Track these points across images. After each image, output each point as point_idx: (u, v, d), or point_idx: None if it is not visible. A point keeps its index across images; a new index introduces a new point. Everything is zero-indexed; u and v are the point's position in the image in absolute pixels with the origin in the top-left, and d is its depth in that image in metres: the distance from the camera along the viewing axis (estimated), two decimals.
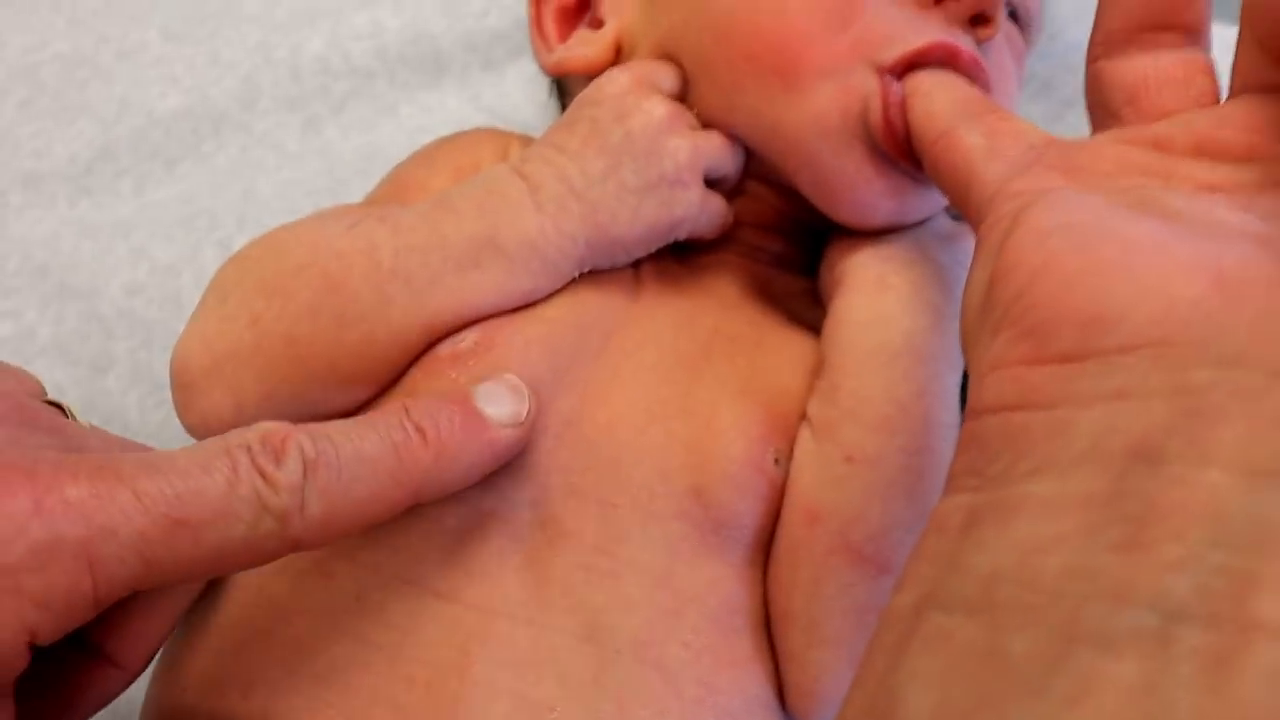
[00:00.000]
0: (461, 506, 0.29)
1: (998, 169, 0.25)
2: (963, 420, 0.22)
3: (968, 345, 0.23)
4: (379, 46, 0.44)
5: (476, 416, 0.28)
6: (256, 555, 0.24)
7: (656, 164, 0.32)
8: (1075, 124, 0.44)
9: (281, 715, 0.27)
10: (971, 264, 0.24)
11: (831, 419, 0.30)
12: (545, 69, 0.37)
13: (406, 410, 0.26)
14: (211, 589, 0.30)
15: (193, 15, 0.46)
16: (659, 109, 0.32)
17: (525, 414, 0.29)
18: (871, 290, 0.32)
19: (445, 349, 0.30)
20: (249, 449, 0.24)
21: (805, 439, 0.31)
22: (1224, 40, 0.24)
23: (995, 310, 0.22)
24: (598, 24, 0.36)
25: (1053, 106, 0.43)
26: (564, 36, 0.37)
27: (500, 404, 0.28)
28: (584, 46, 0.36)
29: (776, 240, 0.36)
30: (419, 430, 0.26)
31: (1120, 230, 0.21)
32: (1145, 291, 0.20)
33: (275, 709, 0.27)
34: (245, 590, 0.29)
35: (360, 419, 0.26)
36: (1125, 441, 0.18)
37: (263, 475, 0.23)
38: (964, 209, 0.26)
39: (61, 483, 0.22)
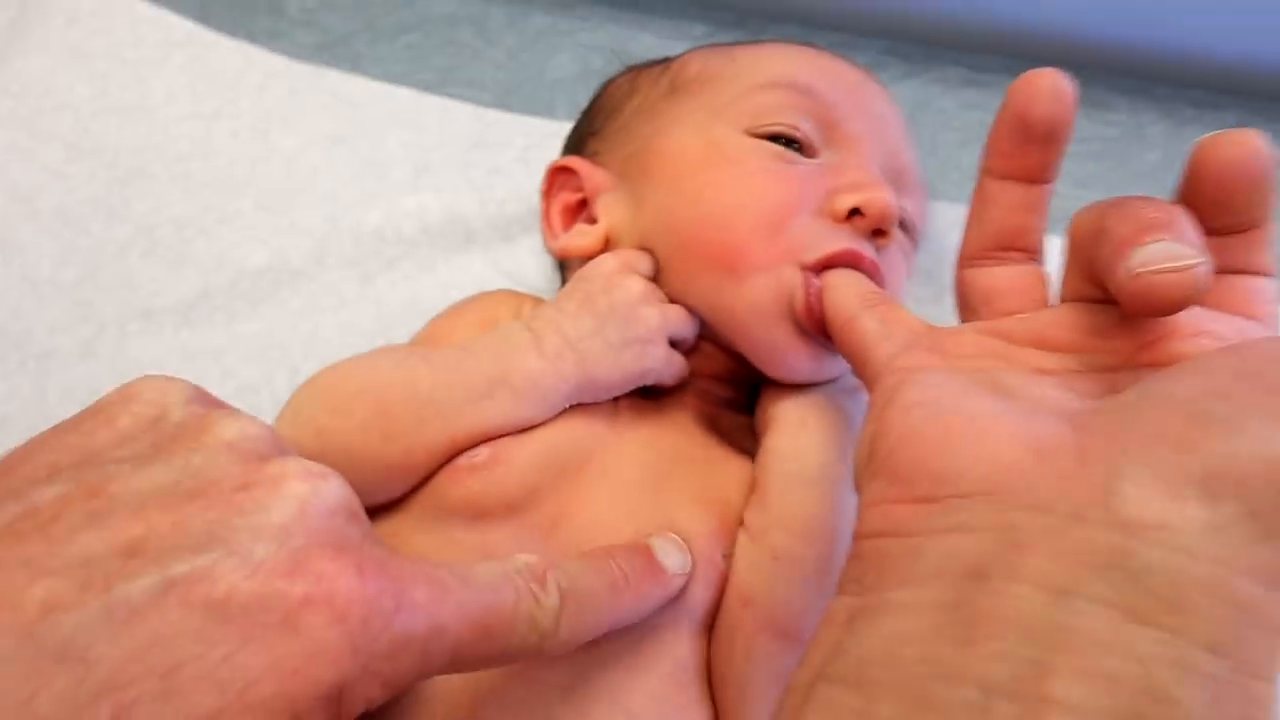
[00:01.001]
0: None
1: (887, 348, 0.30)
2: (852, 541, 0.26)
3: (857, 485, 0.27)
4: (423, 222, 0.54)
5: (657, 565, 0.32)
6: (513, 660, 0.27)
7: (633, 327, 0.38)
8: (951, 305, 0.51)
9: None
10: (863, 423, 0.28)
11: (762, 526, 0.36)
12: (551, 251, 0.44)
13: (612, 556, 0.31)
14: None
15: (278, 190, 0.55)
16: (636, 286, 0.39)
17: (688, 565, 0.33)
18: (794, 430, 0.37)
19: (464, 461, 0.36)
20: (522, 575, 0.27)
21: (743, 540, 0.36)
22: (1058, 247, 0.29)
23: (875, 461, 0.26)
24: (592, 220, 0.43)
25: (933, 290, 0.51)
26: (566, 226, 0.44)
27: (672, 557, 0.33)
28: (581, 238, 0.42)
29: (723, 387, 0.42)
30: (623, 574, 0.30)
31: (965, 407, 0.25)
32: (979, 454, 0.23)
33: None
34: None
35: (582, 558, 0.30)
36: (962, 564, 0.22)
37: (535, 599, 0.27)
38: (862, 376, 0.31)
39: (410, 585, 0.24)
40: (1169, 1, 0.57)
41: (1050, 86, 0.29)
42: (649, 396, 0.40)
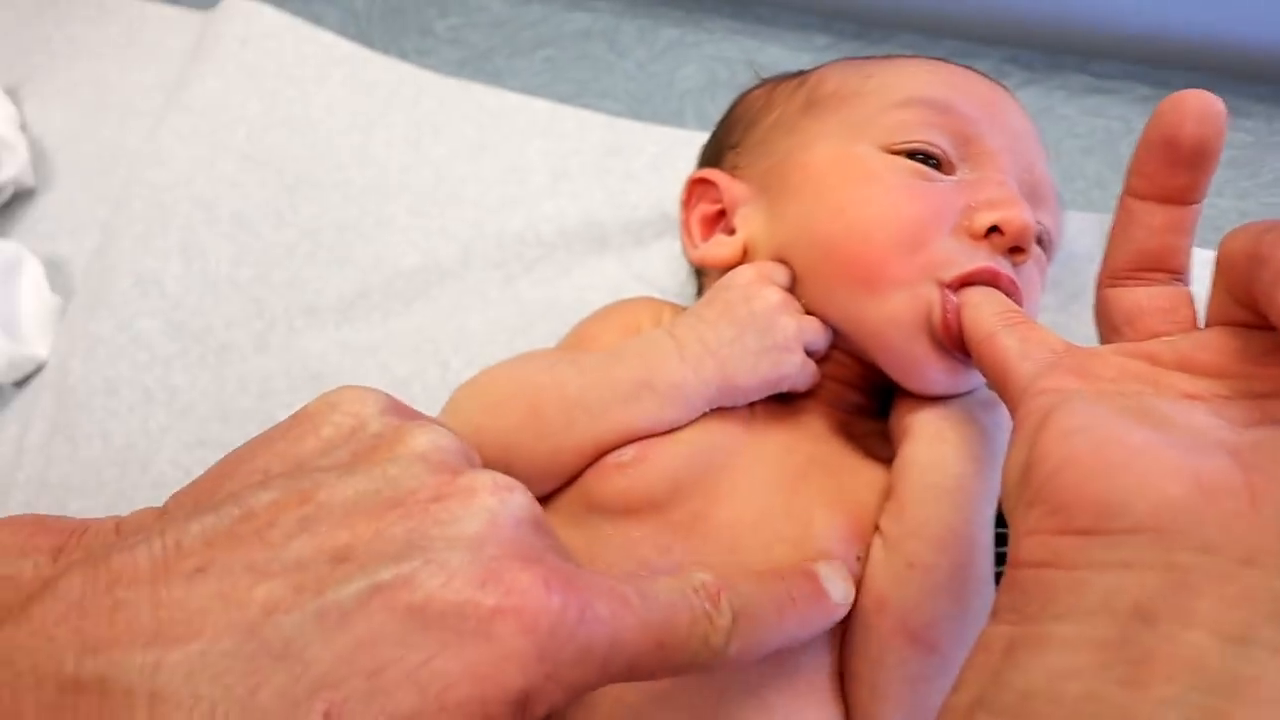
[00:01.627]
0: (623, 574, 0.34)
1: (1028, 368, 0.29)
2: (1007, 567, 0.25)
3: (1008, 510, 0.26)
4: (561, 226, 0.57)
5: (823, 592, 0.32)
6: (685, 673, 0.27)
7: (771, 335, 0.39)
8: (1078, 312, 0.52)
9: None
10: (1009, 446, 0.27)
11: (898, 534, 0.36)
12: (690, 260, 0.46)
13: (783, 578, 0.31)
14: None
15: (429, 197, 0.59)
16: (774, 296, 0.40)
17: (850, 595, 0.33)
18: (931, 441, 0.38)
19: (611, 459, 0.37)
20: (699, 593, 0.27)
21: (878, 546, 0.37)
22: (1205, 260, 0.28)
23: (1030, 488, 0.25)
24: (730, 231, 0.44)
25: (1060, 298, 0.52)
26: (705, 236, 0.45)
27: (837, 586, 0.33)
28: (720, 248, 0.43)
29: (855, 393, 0.42)
30: (791, 598, 0.31)
31: (1124, 437, 0.24)
32: (1144, 488, 0.23)
33: None
34: None
35: (754, 579, 0.30)
36: (1128, 601, 0.22)
37: (709, 618, 0.27)
38: (1001, 393, 0.31)
39: (593, 598, 0.25)
40: None
41: (1200, 107, 0.28)
42: (783, 402, 0.41)
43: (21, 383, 0.57)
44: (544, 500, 0.38)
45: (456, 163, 0.61)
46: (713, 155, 0.48)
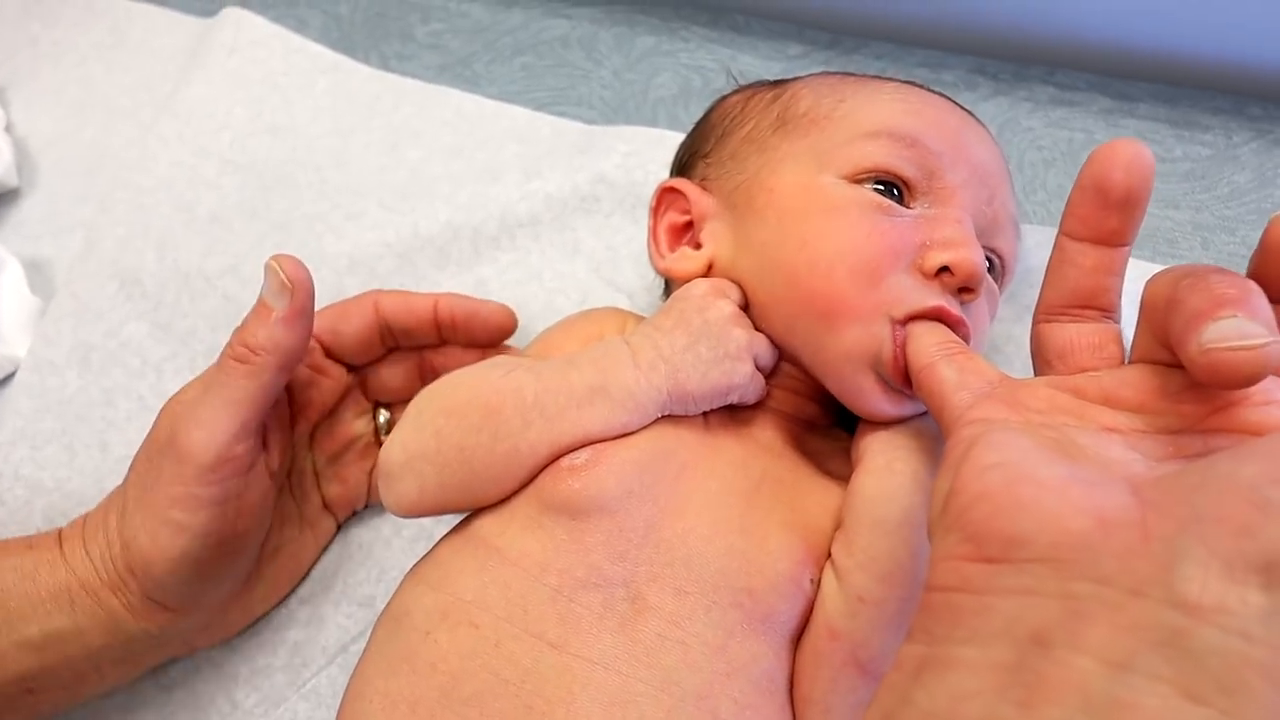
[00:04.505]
0: (573, 582, 0.36)
1: (962, 397, 0.31)
2: (923, 590, 0.26)
3: (931, 534, 0.28)
4: (534, 232, 0.58)
5: None
6: None
7: (723, 344, 0.40)
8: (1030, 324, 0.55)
9: None
10: (937, 476, 0.28)
11: (848, 567, 0.37)
12: (656, 269, 0.46)
13: None
14: (390, 636, 0.38)
15: (400, 193, 0.60)
16: (728, 308, 0.41)
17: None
18: (881, 473, 0.38)
19: (566, 462, 0.38)
20: None
21: (830, 577, 0.38)
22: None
23: (948, 516, 0.26)
24: (697, 245, 0.45)
25: (1016, 310, 0.53)
26: (673, 246, 0.46)
27: None
28: (686, 262, 0.44)
29: (808, 404, 0.43)
30: None
31: (1035, 473, 0.25)
32: (1047, 522, 0.24)
33: None
34: (415, 633, 0.37)
35: None
36: (1027, 627, 0.23)
37: None
38: (939, 420, 0.33)
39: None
40: (1264, 20, 0.57)
41: (1130, 156, 0.30)
42: (737, 414, 0.42)
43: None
44: (502, 505, 0.39)
45: (431, 164, 0.62)
46: (685, 162, 0.49)
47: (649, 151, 0.59)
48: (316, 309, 0.44)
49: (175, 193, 0.62)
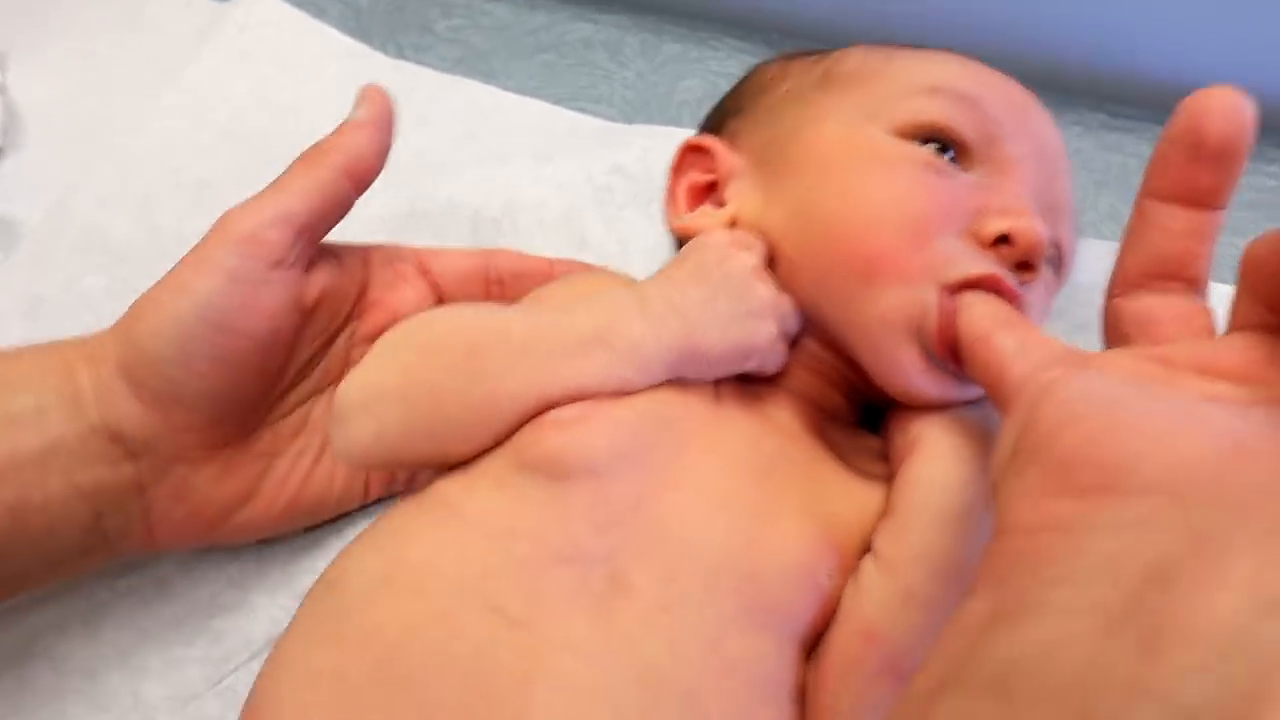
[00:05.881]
0: (546, 553, 0.31)
1: (1024, 366, 0.28)
2: (990, 542, 0.23)
3: (997, 489, 0.24)
4: (540, 218, 0.54)
5: None
6: None
7: (746, 299, 0.36)
8: (1084, 344, 0.47)
9: (366, 708, 0.29)
10: (1000, 431, 0.26)
11: (896, 559, 0.33)
12: (671, 229, 0.43)
13: None
14: (319, 602, 0.34)
15: (400, 173, 0.52)
16: (751, 260, 0.37)
17: None
18: (946, 458, 0.34)
19: (550, 417, 0.34)
20: None
21: (870, 569, 0.33)
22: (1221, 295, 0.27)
23: (1022, 455, 0.23)
24: (720, 203, 0.41)
25: (1065, 328, 0.48)
26: (691, 207, 0.43)
27: None
28: (705, 219, 0.41)
29: (831, 391, 0.39)
30: None
31: (1135, 401, 0.22)
32: (1157, 446, 0.21)
33: (361, 702, 0.29)
34: (350, 599, 0.32)
35: None
36: (1138, 564, 0.20)
37: None
38: (995, 397, 0.29)
39: None
40: None
41: (1228, 103, 0.27)
42: (752, 389, 0.38)
43: None
44: (470, 464, 0.35)
45: (438, 149, 0.58)
46: (713, 122, 0.46)
47: (671, 147, 0.55)
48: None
49: (163, 158, 0.58)
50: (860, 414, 0.41)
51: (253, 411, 0.40)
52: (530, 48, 0.65)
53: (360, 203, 0.54)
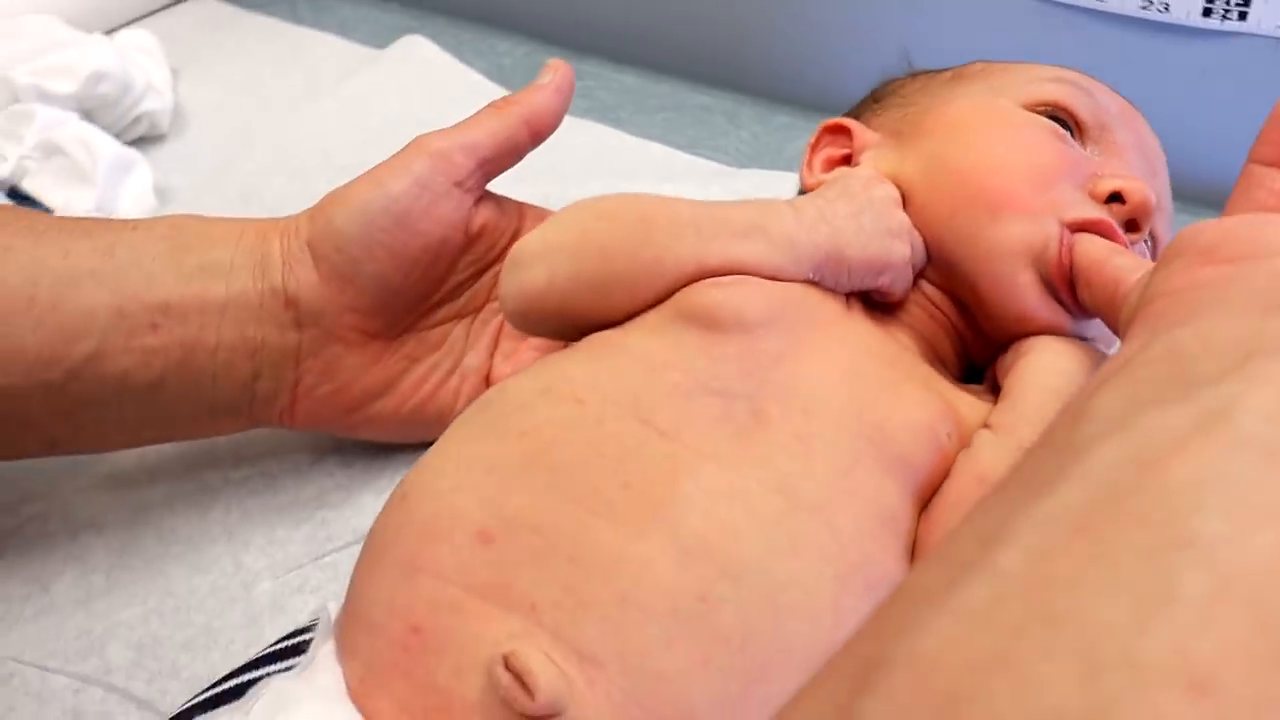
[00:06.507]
0: (695, 383, 0.34)
1: (1139, 281, 0.29)
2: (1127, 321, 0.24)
3: (1124, 325, 0.26)
4: None
5: None
6: None
7: (886, 219, 0.40)
8: None
9: (514, 489, 0.31)
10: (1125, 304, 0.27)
11: (1011, 423, 0.35)
12: (804, 185, 0.46)
13: None
14: (476, 413, 0.35)
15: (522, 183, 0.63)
16: (895, 190, 0.41)
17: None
18: (1057, 352, 0.37)
19: (709, 280, 0.36)
20: None
21: (984, 435, 0.36)
22: None
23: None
24: (855, 166, 0.44)
25: None
26: (826, 171, 0.46)
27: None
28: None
29: (943, 337, 0.42)
30: None
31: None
32: None
33: (510, 485, 0.31)
34: (508, 405, 0.34)
35: None
36: None
37: None
38: (1110, 315, 0.32)
39: None
40: None
41: None
42: (874, 314, 0.41)
43: None
44: (625, 323, 0.37)
45: (568, 165, 0.63)
46: (853, 112, 0.50)
47: (785, 182, 0.60)
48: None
49: (318, 144, 0.64)
50: (963, 372, 0.43)
51: (407, 312, 0.43)
52: (654, 107, 0.72)
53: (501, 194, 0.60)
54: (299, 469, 0.46)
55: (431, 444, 0.35)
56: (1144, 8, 0.61)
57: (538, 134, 0.44)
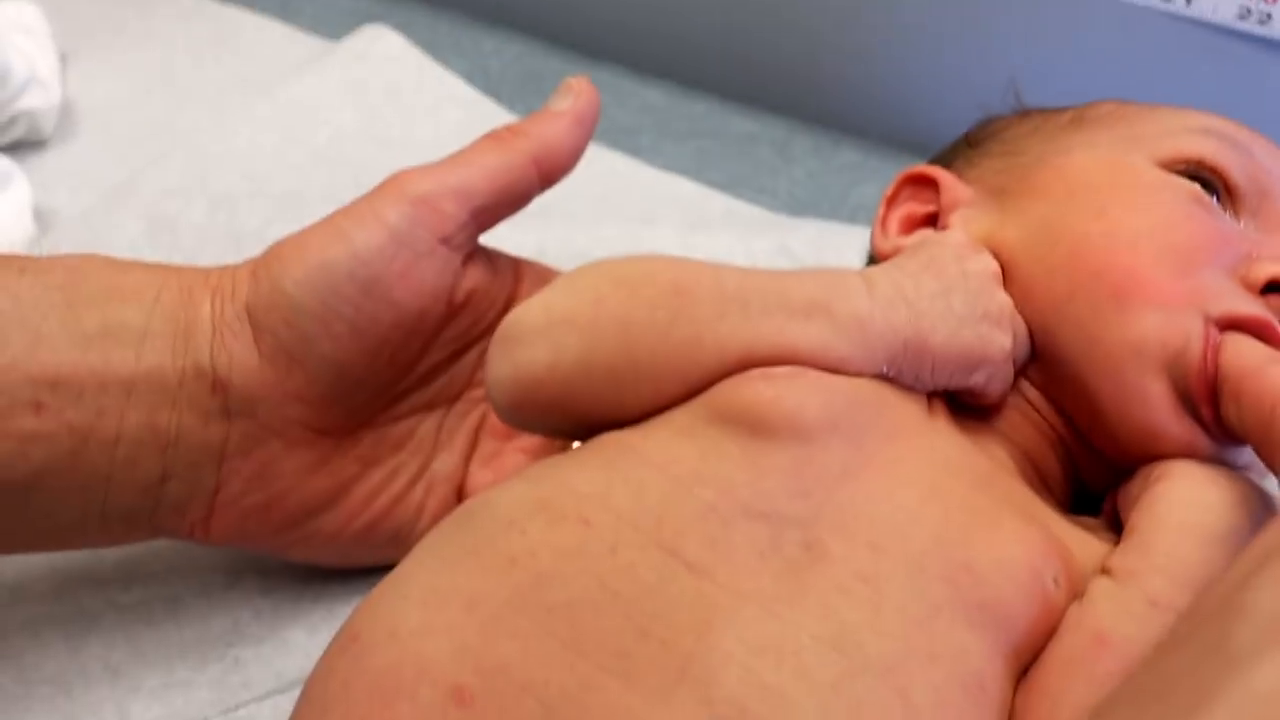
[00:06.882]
0: (735, 503, 0.34)
1: None
2: None
3: None
4: None
5: None
6: None
7: (984, 302, 0.40)
8: None
9: (500, 634, 0.31)
10: None
11: (1138, 569, 0.36)
12: (878, 251, 0.47)
13: None
14: (453, 530, 0.36)
15: (521, 218, 0.64)
16: (994, 263, 0.42)
17: None
18: (1200, 482, 0.38)
19: (758, 371, 0.36)
20: None
21: (1104, 583, 0.36)
22: None
23: None
24: (943, 229, 0.45)
25: None
26: (905, 233, 0.47)
27: None
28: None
29: (1045, 450, 0.43)
30: None
31: None
32: None
33: (495, 628, 0.31)
34: (493, 524, 0.34)
35: None
36: None
37: None
38: (1264, 441, 0.33)
39: None
40: None
41: None
42: (962, 420, 0.42)
43: None
44: (649, 419, 0.38)
45: (573, 201, 0.65)
46: (942, 158, 0.51)
47: (849, 236, 0.62)
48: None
49: (249, 165, 0.66)
50: (1072, 497, 0.44)
51: (367, 403, 0.44)
52: (684, 132, 0.74)
53: (484, 239, 0.61)
54: (209, 591, 0.47)
55: (387, 568, 0.36)
56: None
57: (548, 176, 0.45)
